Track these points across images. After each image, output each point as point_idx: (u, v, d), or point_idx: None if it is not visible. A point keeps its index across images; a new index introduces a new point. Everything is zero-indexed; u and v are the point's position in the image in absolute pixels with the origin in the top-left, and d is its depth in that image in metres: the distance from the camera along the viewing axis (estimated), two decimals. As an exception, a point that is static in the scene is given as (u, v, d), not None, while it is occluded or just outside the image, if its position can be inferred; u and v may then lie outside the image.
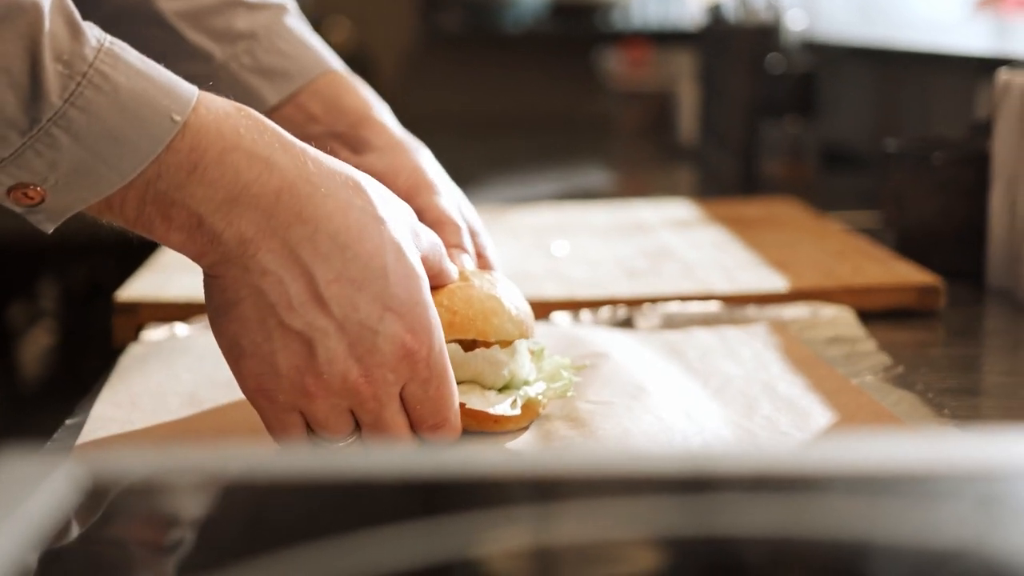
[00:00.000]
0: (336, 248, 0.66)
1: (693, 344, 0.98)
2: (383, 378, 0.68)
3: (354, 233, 0.67)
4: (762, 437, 0.79)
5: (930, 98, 1.82)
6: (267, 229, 0.65)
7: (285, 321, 0.66)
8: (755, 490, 0.37)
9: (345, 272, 0.66)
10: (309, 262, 0.66)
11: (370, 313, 0.67)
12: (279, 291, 0.66)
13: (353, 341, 0.67)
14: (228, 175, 0.65)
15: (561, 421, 0.82)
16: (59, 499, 0.33)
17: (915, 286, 1.12)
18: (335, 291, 0.66)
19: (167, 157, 0.64)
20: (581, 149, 2.55)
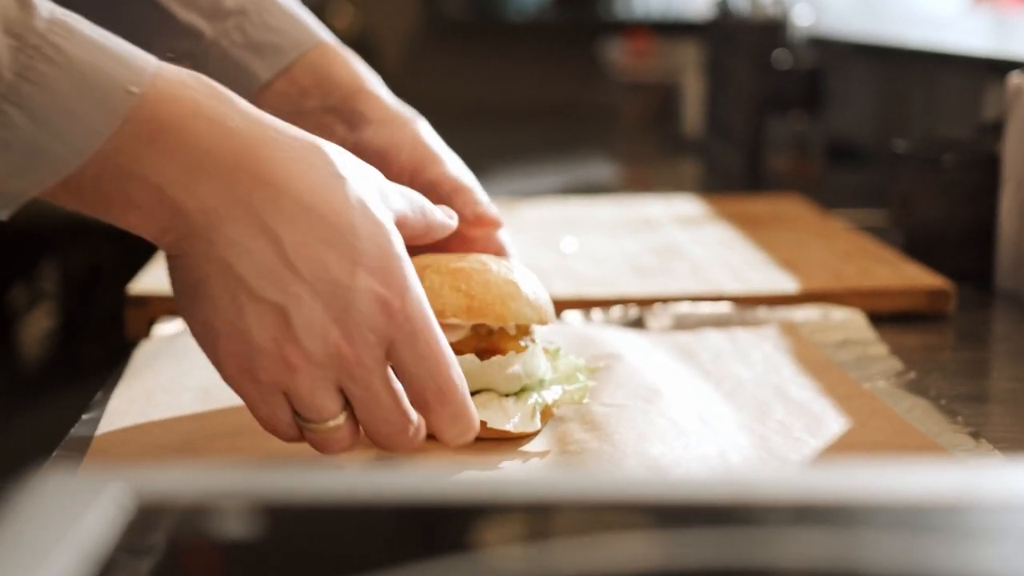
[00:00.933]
0: (300, 210, 0.65)
1: (705, 346, 0.99)
2: (363, 337, 0.65)
3: (318, 193, 0.65)
4: (776, 443, 0.79)
5: (935, 95, 1.82)
6: (229, 196, 0.64)
7: (256, 292, 0.64)
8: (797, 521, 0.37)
9: (312, 233, 0.65)
10: (274, 227, 0.64)
11: (341, 271, 0.65)
12: (247, 261, 0.64)
13: (328, 302, 0.65)
14: (188, 143, 0.63)
15: (576, 423, 0.82)
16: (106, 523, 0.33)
17: (925, 289, 1.12)
18: (303, 253, 0.64)
19: (125, 129, 0.62)
20: (584, 140, 2.55)
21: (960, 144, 1.33)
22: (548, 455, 0.78)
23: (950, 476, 0.41)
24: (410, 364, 0.68)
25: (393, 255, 0.67)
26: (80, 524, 0.33)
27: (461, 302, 0.78)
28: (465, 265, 0.80)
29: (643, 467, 0.74)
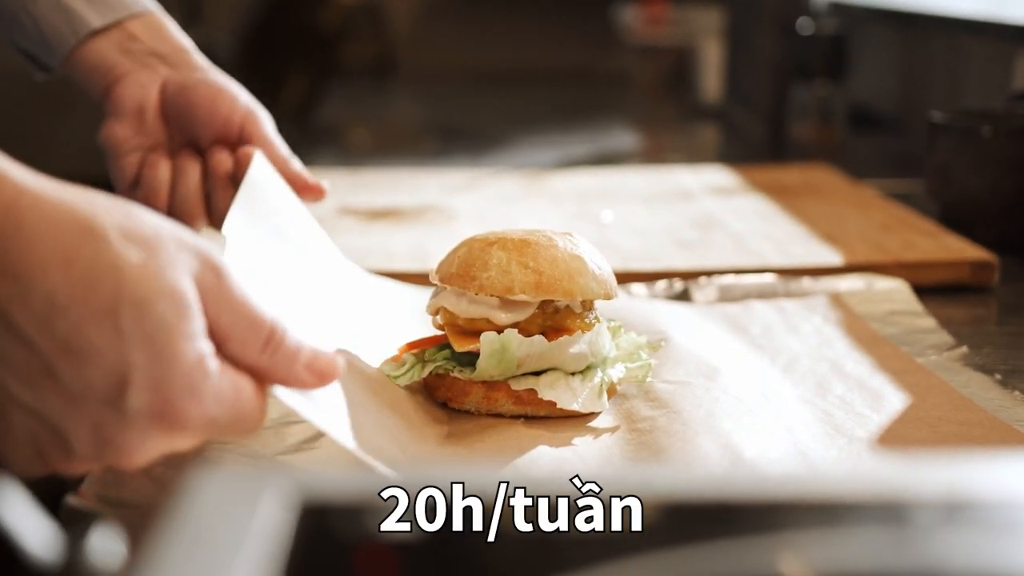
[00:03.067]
0: (55, 311, 0.54)
1: (754, 319, 0.99)
2: (143, 448, 0.57)
3: (79, 291, 0.54)
4: (840, 418, 0.80)
5: (959, 63, 1.82)
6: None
7: (15, 394, 0.55)
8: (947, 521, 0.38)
9: (72, 341, 0.54)
10: (27, 330, 0.54)
11: (108, 389, 0.55)
12: (2, 361, 0.55)
13: (97, 422, 0.55)
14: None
15: (640, 400, 0.83)
16: (275, 524, 0.34)
17: (969, 261, 1.12)
18: (63, 366, 0.54)
19: None
20: (601, 106, 2.55)
21: (996, 114, 1.34)
22: (618, 431, 0.79)
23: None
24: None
25: (170, 361, 0.56)
26: (250, 526, 0.34)
27: (529, 278, 0.79)
28: (531, 240, 0.81)
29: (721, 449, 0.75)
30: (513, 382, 0.80)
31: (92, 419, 0.55)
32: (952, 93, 1.84)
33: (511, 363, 0.79)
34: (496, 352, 0.79)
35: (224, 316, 0.58)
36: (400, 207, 1.37)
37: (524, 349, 0.79)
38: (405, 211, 1.35)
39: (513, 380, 0.80)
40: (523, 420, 0.80)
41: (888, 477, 0.43)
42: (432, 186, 1.51)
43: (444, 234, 1.22)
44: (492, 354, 0.79)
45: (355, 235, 1.25)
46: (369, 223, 1.32)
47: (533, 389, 0.79)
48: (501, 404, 0.80)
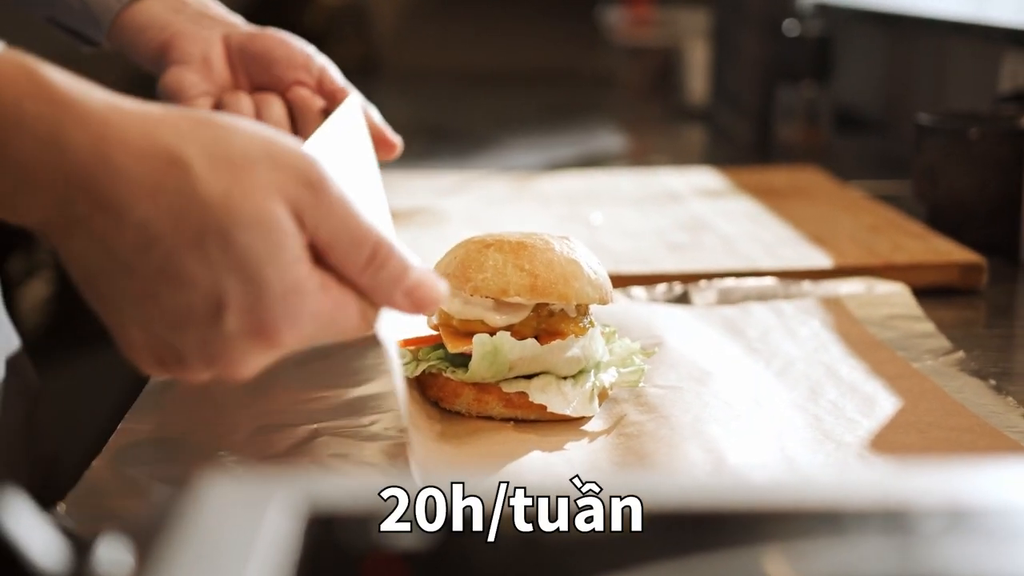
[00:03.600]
0: (149, 240, 0.56)
1: (751, 322, 1.00)
2: (246, 363, 0.59)
3: (168, 221, 0.56)
4: (830, 423, 0.80)
5: (945, 65, 1.83)
6: (68, 217, 0.56)
7: (129, 314, 0.58)
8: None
9: (168, 268, 0.56)
10: (126, 257, 0.56)
11: (206, 312, 0.57)
12: (112, 285, 0.57)
13: (202, 340, 0.58)
14: (10, 161, 0.55)
15: (631, 405, 0.83)
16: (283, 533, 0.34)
17: (958, 264, 1.13)
18: (164, 291, 0.57)
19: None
20: (586, 106, 2.55)
21: (984, 117, 1.34)
22: (606, 436, 0.79)
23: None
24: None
25: (261, 284, 0.58)
26: (258, 534, 0.34)
27: (525, 281, 0.79)
28: (528, 243, 0.81)
29: (705, 454, 0.75)
30: (505, 385, 0.80)
31: (197, 337, 0.57)
32: (938, 94, 1.85)
33: (503, 366, 0.79)
34: (488, 354, 0.79)
35: (323, 231, 0.59)
36: (391, 209, 1.37)
37: (516, 352, 0.79)
38: (396, 213, 1.35)
39: (505, 383, 0.80)
40: (513, 423, 0.80)
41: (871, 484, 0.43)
42: (422, 188, 1.51)
43: (436, 236, 1.23)
44: (484, 356, 0.79)
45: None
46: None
47: (524, 392, 0.80)
48: (492, 407, 0.80)
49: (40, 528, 0.34)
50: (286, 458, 0.74)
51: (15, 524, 0.34)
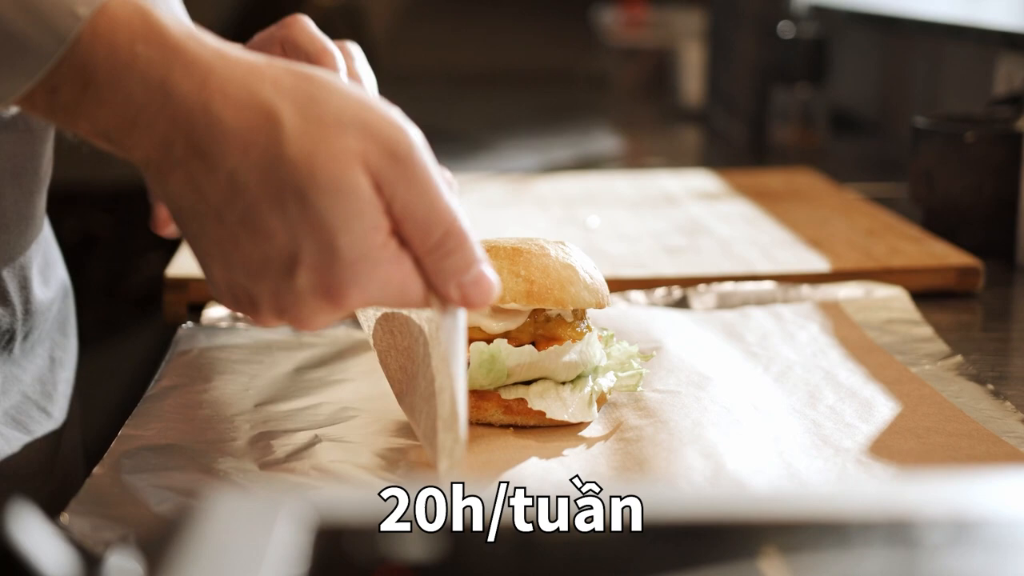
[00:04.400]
0: (237, 190, 0.59)
1: (750, 326, 1.00)
2: (314, 319, 0.62)
3: (253, 177, 0.59)
4: (829, 429, 0.80)
5: (940, 67, 1.83)
6: (167, 158, 0.59)
7: (213, 254, 0.62)
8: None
9: (251, 219, 0.59)
10: (215, 203, 0.60)
11: (282, 265, 0.60)
12: (201, 227, 0.61)
13: (275, 291, 0.61)
14: (119, 99, 0.58)
15: (630, 409, 0.83)
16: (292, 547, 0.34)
17: (954, 267, 1.13)
18: (245, 239, 0.60)
19: (62, 71, 0.58)
20: (581, 108, 2.55)
21: (979, 119, 1.34)
22: (605, 441, 0.79)
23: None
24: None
25: (335, 249, 0.60)
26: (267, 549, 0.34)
27: (521, 287, 0.79)
28: (523, 249, 0.81)
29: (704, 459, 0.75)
30: (503, 391, 0.80)
31: (272, 287, 0.60)
32: (933, 97, 1.85)
33: (501, 373, 0.79)
34: (485, 362, 0.79)
35: (399, 204, 0.61)
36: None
37: (514, 359, 0.79)
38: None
39: (503, 389, 0.80)
40: (512, 429, 0.80)
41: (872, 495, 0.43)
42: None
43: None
44: (481, 364, 0.79)
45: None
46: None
47: (523, 399, 0.80)
48: (490, 414, 0.80)
49: (49, 540, 0.35)
50: (286, 464, 0.74)
51: (25, 536, 0.34)
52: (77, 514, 0.65)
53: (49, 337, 0.95)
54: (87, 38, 0.58)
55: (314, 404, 0.85)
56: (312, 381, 0.89)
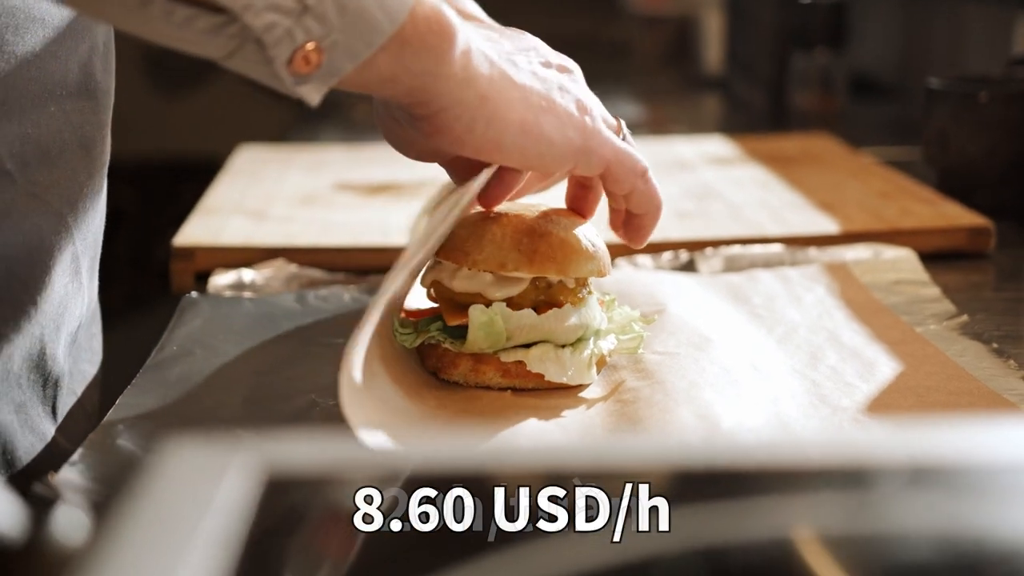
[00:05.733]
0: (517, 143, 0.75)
1: (756, 289, 0.99)
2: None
3: (529, 138, 0.74)
4: (828, 388, 0.80)
5: (960, 29, 1.81)
6: (469, 117, 0.72)
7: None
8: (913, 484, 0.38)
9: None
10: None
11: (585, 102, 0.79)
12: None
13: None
14: (441, 78, 0.70)
15: (629, 371, 0.83)
16: (239, 495, 0.34)
17: (965, 228, 1.12)
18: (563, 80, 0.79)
19: (392, 44, 0.68)
20: (601, 76, 2.53)
21: (994, 80, 1.33)
22: (604, 402, 0.79)
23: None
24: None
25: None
26: (214, 499, 0.34)
27: (523, 255, 0.79)
28: (526, 216, 0.81)
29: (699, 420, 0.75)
30: (503, 354, 0.80)
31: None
32: (954, 59, 1.84)
33: (500, 335, 0.79)
34: (484, 325, 0.79)
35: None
36: (398, 182, 1.37)
37: (513, 322, 0.79)
38: (403, 186, 1.35)
39: (503, 352, 0.80)
40: (511, 392, 0.80)
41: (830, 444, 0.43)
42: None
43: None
44: (481, 327, 0.79)
45: (352, 210, 1.25)
46: (367, 198, 1.31)
47: (522, 361, 0.80)
48: (489, 377, 0.80)
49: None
50: (281, 429, 0.74)
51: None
52: (67, 475, 0.66)
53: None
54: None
55: (315, 371, 0.85)
56: (315, 349, 0.89)
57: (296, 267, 1.07)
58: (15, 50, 0.74)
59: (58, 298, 0.82)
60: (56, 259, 0.81)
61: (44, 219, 0.79)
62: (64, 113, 0.79)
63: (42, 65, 0.76)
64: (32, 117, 0.77)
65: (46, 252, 0.80)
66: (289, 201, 1.28)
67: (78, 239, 0.84)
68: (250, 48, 0.65)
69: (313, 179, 1.40)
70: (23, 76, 0.75)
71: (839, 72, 1.92)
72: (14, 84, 0.75)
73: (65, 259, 0.82)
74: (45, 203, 0.79)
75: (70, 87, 0.79)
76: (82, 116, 0.82)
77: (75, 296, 0.85)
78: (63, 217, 0.81)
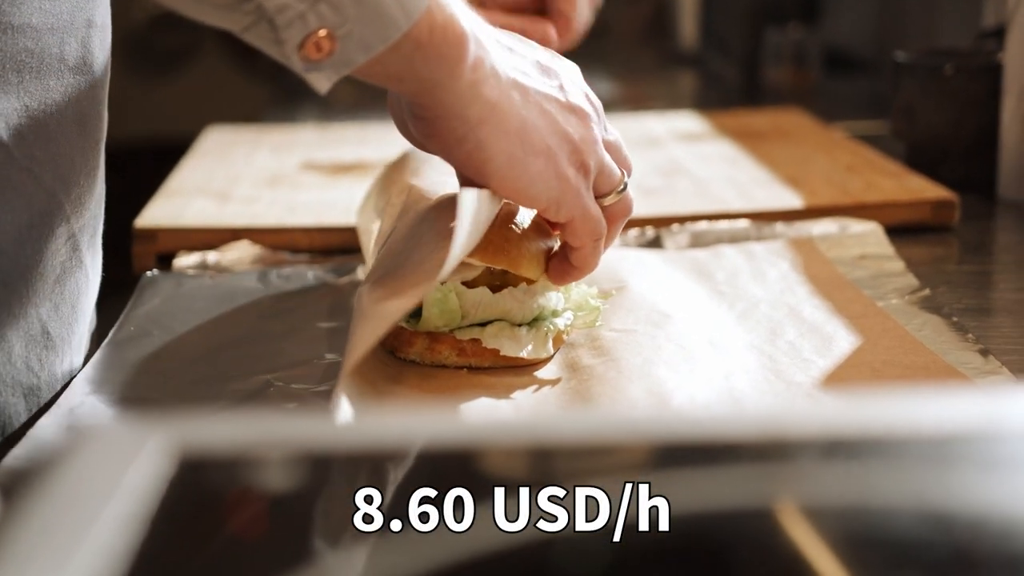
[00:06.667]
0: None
1: (720, 265, 0.99)
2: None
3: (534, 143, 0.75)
4: (784, 364, 0.80)
5: (934, 3, 1.81)
6: (486, 130, 0.73)
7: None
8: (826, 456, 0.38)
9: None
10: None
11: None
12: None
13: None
14: (452, 90, 0.72)
15: (585, 349, 0.83)
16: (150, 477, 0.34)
17: (929, 201, 1.12)
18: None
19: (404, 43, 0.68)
20: (580, 54, 2.52)
21: (962, 53, 1.33)
22: (559, 382, 0.78)
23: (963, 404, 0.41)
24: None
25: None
26: (125, 478, 0.34)
27: (479, 245, 0.78)
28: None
29: (649, 396, 0.75)
30: (459, 333, 0.80)
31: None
32: (927, 33, 1.83)
33: (454, 313, 0.79)
34: (438, 302, 0.79)
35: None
36: (365, 161, 1.37)
37: (468, 299, 0.79)
38: (370, 165, 1.35)
39: (459, 331, 0.80)
40: (467, 370, 0.80)
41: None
42: (399, 139, 1.50)
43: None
44: (434, 303, 0.79)
45: (317, 190, 1.25)
46: (333, 178, 1.31)
47: (477, 340, 0.79)
48: (445, 355, 0.80)
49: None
50: (234, 408, 0.74)
51: None
52: (13, 461, 0.65)
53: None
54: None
55: (273, 350, 0.85)
56: (273, 327, 0.89)
57: (261, 248, 1.07)
58: (12, 21, 0.73)
59: (53, 276, 0.81)
60: (48, 237, 0.80)
61: (36, 196, 0.78)
62: (62, 87, 0.78)
63: (39, 38, 0.75)
64: (30, 90, 0.76)
65: (37, 230, 0.79)
66: (254, 182, 1.27)
67: (73, 217, 0.82)
68: (263, 27, 0.66)
69: (281, 159, 1.39)
70: (21, 48, 0.74)
71: (813, 47, 1.91)
72: (12, 56, 0.74)
73: (59, 237, 0.81)
74: (38, 179, 0.78)
75: (68, 61, 0.79)
76: (79, 91, 0.81)
77: (74, 273, 0.84)
78: (55, 195, 0.80)
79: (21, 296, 0.78)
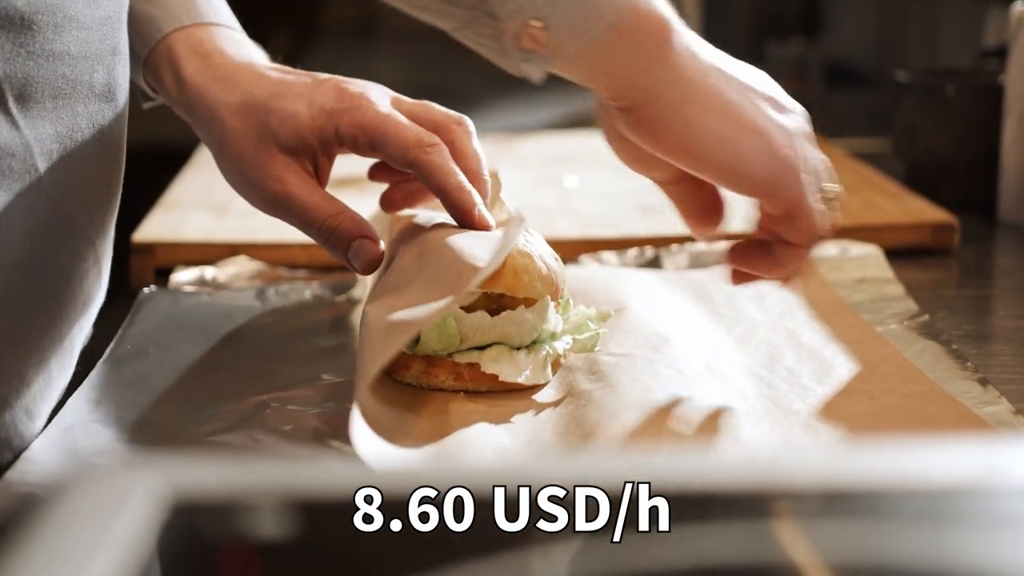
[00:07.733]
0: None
1: (720, 286, 0.98)
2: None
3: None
4: (783, 391, 0.79)
5: (935, 20, 1.81)
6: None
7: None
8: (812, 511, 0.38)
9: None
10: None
11: None
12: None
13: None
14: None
15: (583, 373, 0.82)
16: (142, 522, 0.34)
17: (929, 224, 1.12)
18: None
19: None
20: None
21: (962, 73, 1.33)
22: (556, 405, 0.78)
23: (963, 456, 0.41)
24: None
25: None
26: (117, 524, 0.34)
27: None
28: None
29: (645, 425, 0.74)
30: (458, 356, 0.79)
31: None
32: (928, 47, 1.83)
33: (453, 337, 0.79)
34: (436, 326, 0.78)
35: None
36: (362, 176, 1.36)
37: (466, 323, 0.79)
38: (367, 180, 1.34)
39: (458, 354, 0.80)
40: (464, 394, 0.80)
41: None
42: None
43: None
44: (432, 327, 0.78)
45: (316, 204, 1.24)
46: (332, 192, 1.30)
47: (475, 364, 0.79)
48: (441, 379, 0.79)
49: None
50: (225, 435, 0.74)
51: None
52: (7, 483, 0.65)
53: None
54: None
55: (270, 370, 0.84)
56: (270, 347, 0.89)
57: (259, 264, 1.06)
58: (53, 48, 0.73)
59: (82, 299, 0.81)
60: (77, 262, 0.80)
61: (53, 220, 0.78)
62: (89, 115, 0.78)
63: (74, 65, 0.75)
64: (63, 117, 0.76)
65: (66, 256, 0.79)
66: (253, 195, 1.27)
67: (98, 241, 0.82)
68: (484, 20, 0.70)
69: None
70: (59, 75, 0.75)
71: (814, 61, 1.91)
72: (50, 83, 0.74)
73: (87, 259, 0.81)
74: (57, 205, 0.78)
75: (96, 88, 0.79)
76: (104, 118, 0.81)
77: (97, 293, 0.85)
78: (76, 220, 0.79)
79: (58, 322, 0.79)
